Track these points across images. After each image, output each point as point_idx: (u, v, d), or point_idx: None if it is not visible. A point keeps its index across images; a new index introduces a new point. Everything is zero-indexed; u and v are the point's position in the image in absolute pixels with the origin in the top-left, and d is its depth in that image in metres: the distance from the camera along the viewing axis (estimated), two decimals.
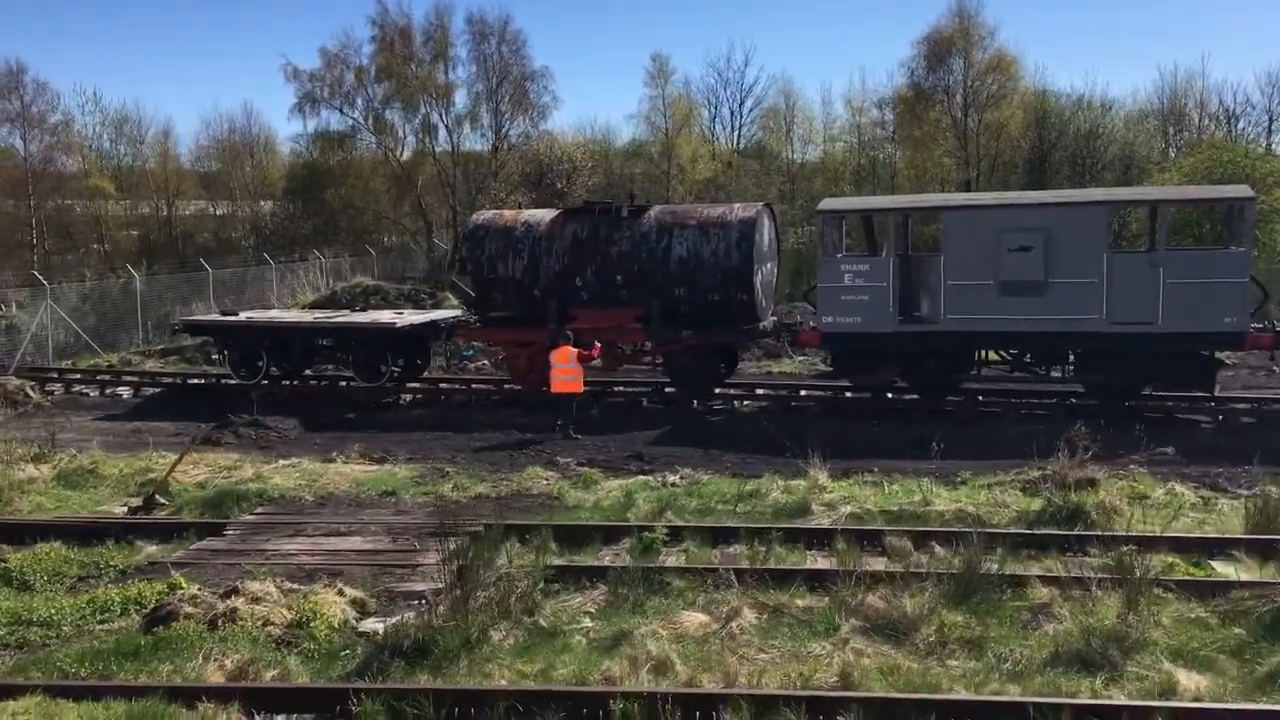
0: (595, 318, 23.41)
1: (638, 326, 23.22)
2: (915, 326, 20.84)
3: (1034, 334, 20.08)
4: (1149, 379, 20.06)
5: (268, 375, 25.83)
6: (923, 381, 21.38)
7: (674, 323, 22.90)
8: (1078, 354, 20.29)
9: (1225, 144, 41.08)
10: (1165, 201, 20.32)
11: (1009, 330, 20.13)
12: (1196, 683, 8.72)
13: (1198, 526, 13.20)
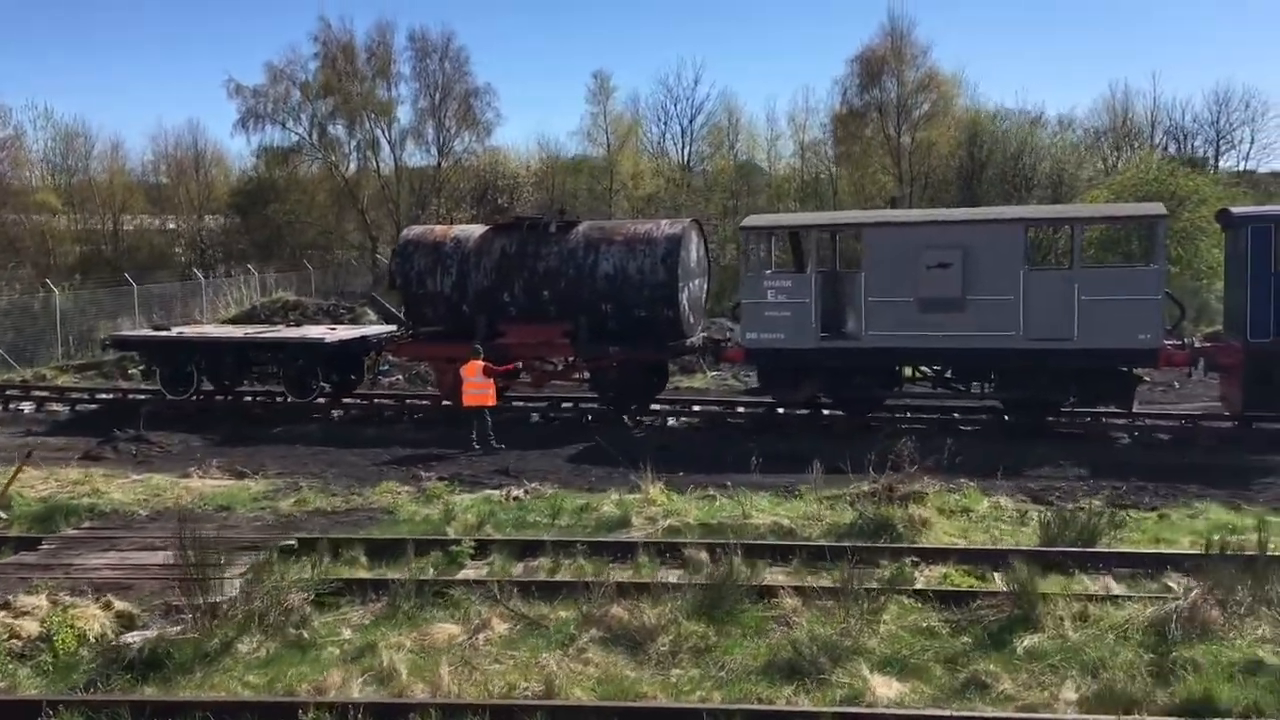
0: (523, 333, 23.20)
1: (565, 342, 23.00)
2: (837, 343, 20.71)
3: (953, 350, 20.00)
4: (1067, 395, 20.00)
5: (199, 391, 25.40)
6: (845, 398, 21.24)
7: (601, 338, 22.71)
8: (997, 370, 20.22)
9: (1153, 161, 41.39)
10: (1079, 219, 20.31)
11: (929, 347, 20.05)
12: (894, 690, 8.93)
13: (1000, 539, 13.37)
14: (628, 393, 23.08)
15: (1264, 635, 9.64)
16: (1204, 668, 9.03)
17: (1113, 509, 14.21)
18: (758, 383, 22.61)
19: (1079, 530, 12.72)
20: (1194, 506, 14.87)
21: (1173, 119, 56.02)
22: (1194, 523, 14.01)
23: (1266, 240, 18.24)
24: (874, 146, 46.93)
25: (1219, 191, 37.14)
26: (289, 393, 25.00)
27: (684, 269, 22.57)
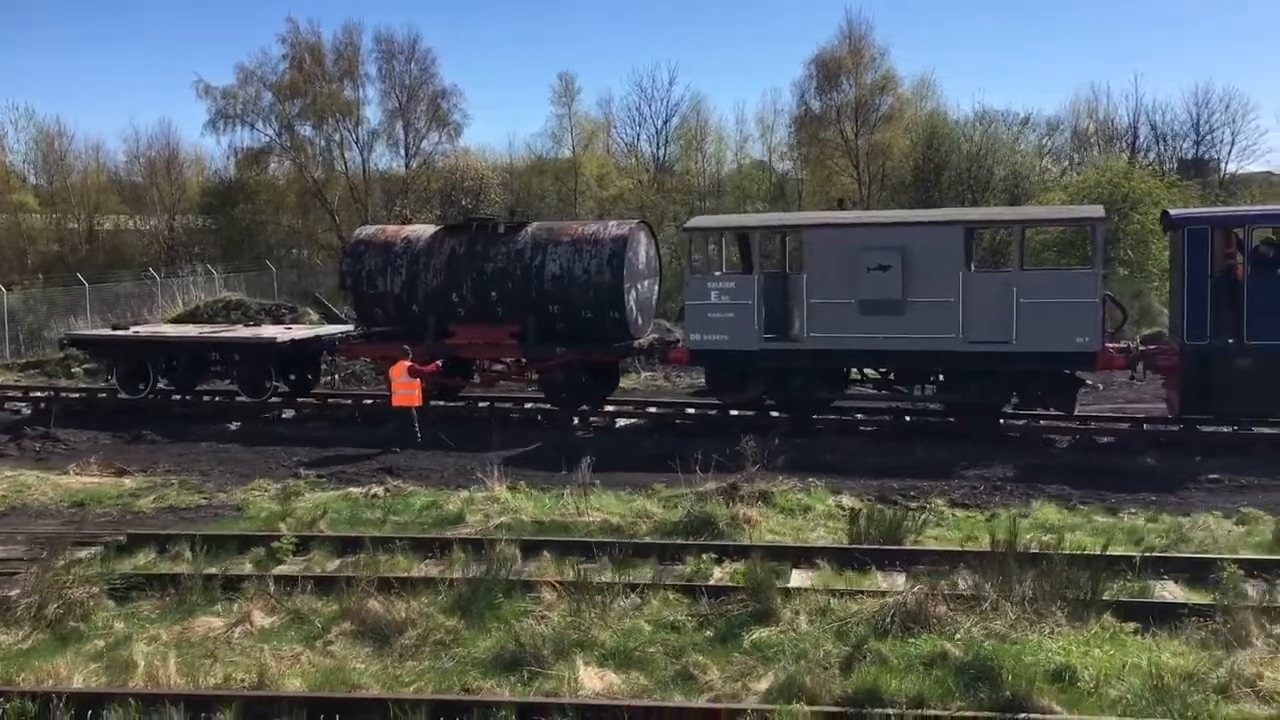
0: (472, 334, 22.95)
1: (513, 343, 22.72)
2: (780, 345, 20.44)
3: (894, 353, 19.76)
4: (1008, 398, 19.78)
5: (154, 390, 25.05)
6: (789, 399, 20.98)
7: (549, 339, 22.44)
8: (937, 372, 19.98)
9: (1115, 164, 41.29)
10: (1018, 222, 20.07)
11: (870, 349, 19.79)
12: (605, 681, 9.01)
13: (818, 537, 13.39)
14: (575, 393, 22.79)
15: (992, 630, 9.60)
16: (889, 659, 9.19)
17: (954, 508, 14.53)
18: (706, 384, 22.36)
19: (884, 529, 12.75)
20: (1030, 506, 14.82)
21: (1153, 120, 55.92)
22: (1022, 522, 13.80)
23: (1203, 242, 18.03)
24: (831, 149, 46.76)
25: (1172, 194, 37.03)
26: (242, 392, 24.67)
27: (631, 270, 22.30)
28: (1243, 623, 9.44)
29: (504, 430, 21.50)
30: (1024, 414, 20.31)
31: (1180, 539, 12.88)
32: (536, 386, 23.66)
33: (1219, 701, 8.34)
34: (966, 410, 20.00)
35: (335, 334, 25.56)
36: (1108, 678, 8.69)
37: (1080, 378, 19.79)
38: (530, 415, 22.80)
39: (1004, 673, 8.60)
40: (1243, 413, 18.46)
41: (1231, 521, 13.70)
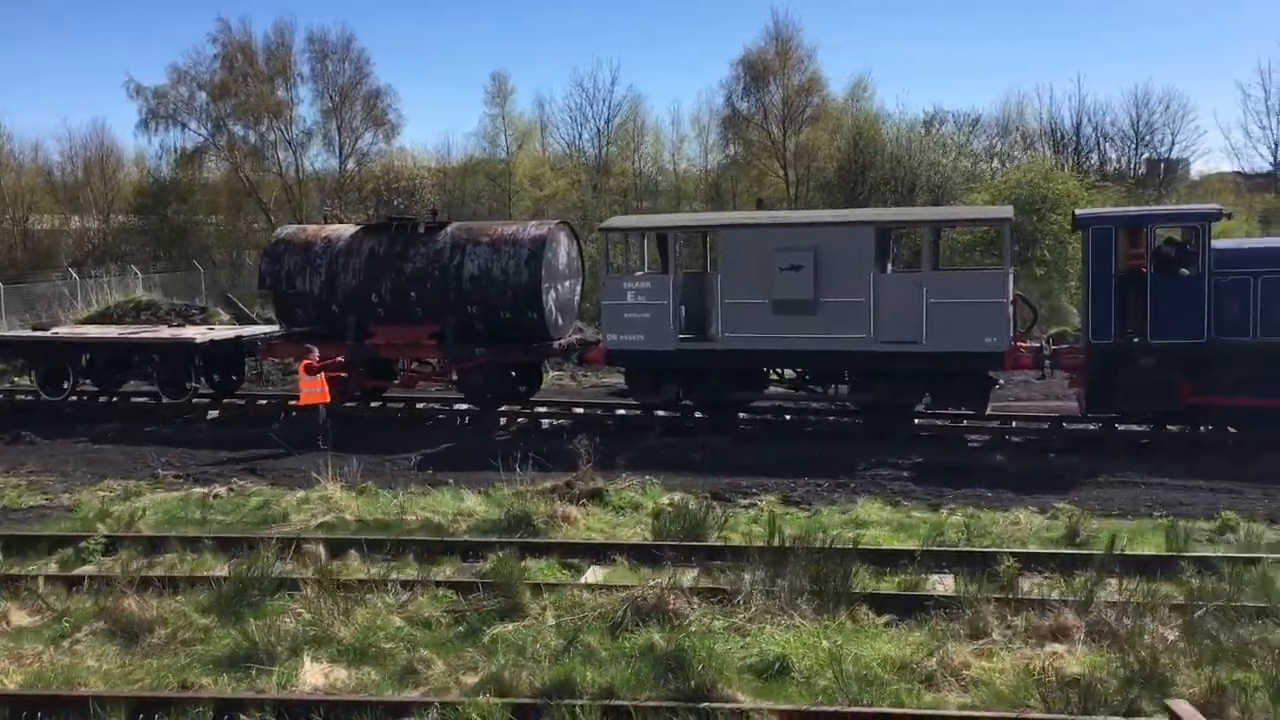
0: (391, 334, 22.62)
1: (433, 343, 22.40)
2: (695, 345, 20.25)
3: (807, 353, 19.63)
4: (919, 398, 19.70)
5: (75, 392, 24.50)
6: (704, 400, 20.80)
7: (469, 340, 22.11)
8: (850, 373, 19.87)
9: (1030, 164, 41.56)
10: (926, 222, 19.99)
11: (784, 349, 19.65)
12: (330, 678, 9.02)
13: (636, 534, 13.42)
14: (496, 394, 22.50)
15: (732, 623, 9.70)
16: (598, 652, 9.25)
17: (785, 505, 14.76)
18: (625, 384, 22.15)
19: (686, 525, 12.75)
20: (855, 503, 14.89)
21: (1095, 121, 56.32)
22: (836, 518, 14.13)
23: (1107, 242, 18.02)
24: (759, 149, 46.80)
25: (1091, 195, 37.29)
26: (163, 393, 24.16)
27: (550, 271, 22.03)
28: (983, 615, 9.58)
29: (422, 431, 21.18)
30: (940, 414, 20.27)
31: (981, 534, 12.96)
32: (456, 387, 23.31)
33: (920, 690, 8.50)
34: (878, 410, 19.90)
35: (258, 335, 25.12)
36: (822, 668, 8.75)
37: (993, 378, 19.77)
38: (452, 416, 22.55)
39: (697, 664, 8.61)
40: (1147, 411, 18.49)
41: (1045, 517, 13.84)
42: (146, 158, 58.38)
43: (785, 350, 19.68)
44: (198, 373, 24.23)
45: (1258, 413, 17.60)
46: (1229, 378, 17.68)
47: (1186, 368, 17.74)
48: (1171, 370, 17.77)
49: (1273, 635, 9.06)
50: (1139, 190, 46.66)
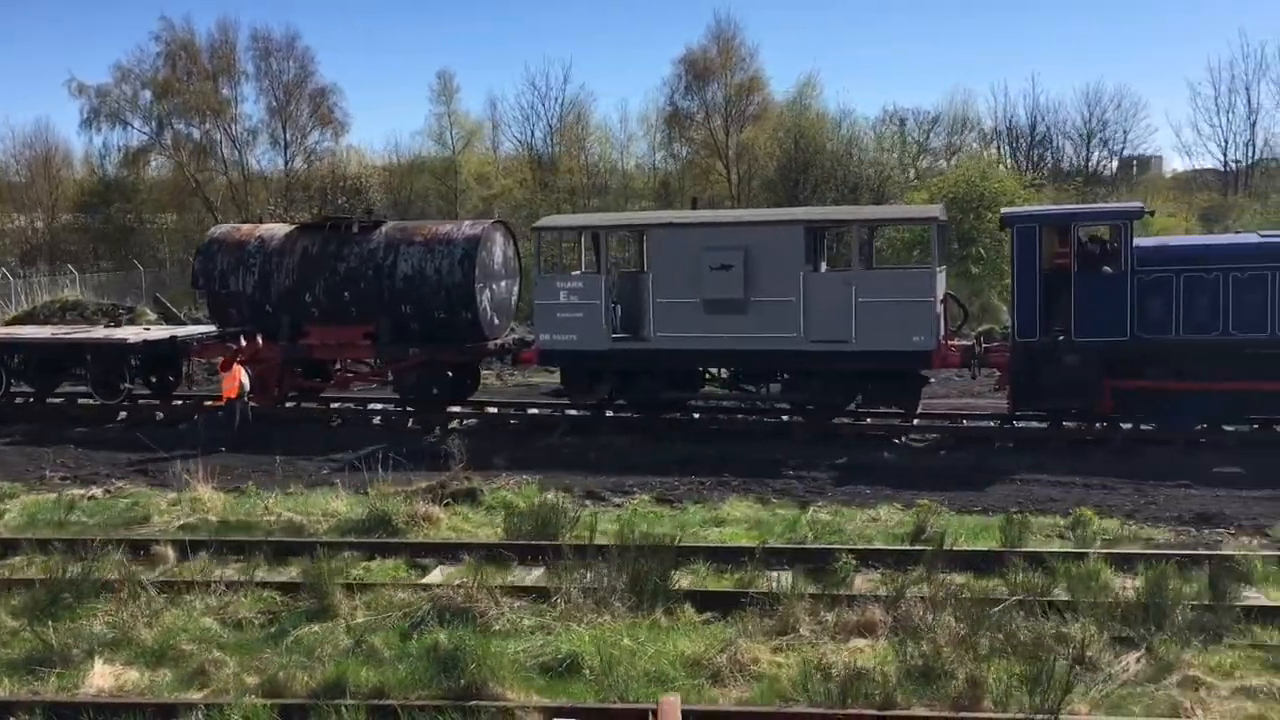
0: (325, 334, 22.37)
1: (367, 343, 22.13)
2: (628, 344, 20.09)
3: (738, 352, 19.53)
4: (851, 397, 19.63)
5: (8, 392, 24.02)
6: (638, 399, 20.65)
7: (403, 340, 21.86)
8: (781, 372, 19.77)
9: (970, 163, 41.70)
10: (855, 221, 19.94)
11: (715, 349, 19.53)
12: (120, 680, 8.91)
13: (493, 534, 13.46)
14: (430, 394, 22.24)
15: (541, 622, 9.84)
16: (384, 655, 9.23)
17: (658, 505, 14.84)
18: (560, 384, 21.98)
19: (537, 525, 12.77)
20: (725, 501, 14.90)
21: (1047, 120, 56.70)
22: (699, 516, 14.25)
23: (1032, 240, 18.02)
24: (700, 147, 46.88)
25: (1028, 193, 37.45)
26: (95, 394, 23.74)
27: (484, 270, 21.81)
28: (794, 611, 9.66)
29: (352, 432, 20.91)
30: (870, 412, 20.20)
31: (835, 531, 13.09)
32: (392, 388, 23.04)
33: (705, 685, 8.62)
34: (810, 409, 19.84)
35: (195, 335, 24.71)
36: (614, 666, 8.77)
37: (924, 376, 19.74)
38: (386, 416, 22.23)
39: (470, 663, 8.61)
40: (1072, 409, 18.51)
41: (906, 513, 13.90)
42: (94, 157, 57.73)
43: (716, 350, 19.56)
44: (132, 373, 23.82)
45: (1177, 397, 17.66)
46: (1152, 375, 17.74)
47: (1110, 365, 17.78)
48: (1095, 368, 17.80)
49: (1069, 628, 9.17)
50: (1088, 189, 46.86)
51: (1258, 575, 10.78)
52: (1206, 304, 17.35)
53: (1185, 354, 17.53)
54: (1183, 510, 14.13)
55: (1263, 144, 54.35)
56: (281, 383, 22.97)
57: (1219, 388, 17.44)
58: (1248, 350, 17.27)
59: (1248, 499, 14.66)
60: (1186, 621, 9.34)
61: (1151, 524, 13.53)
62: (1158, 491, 15.17)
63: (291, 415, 22.54)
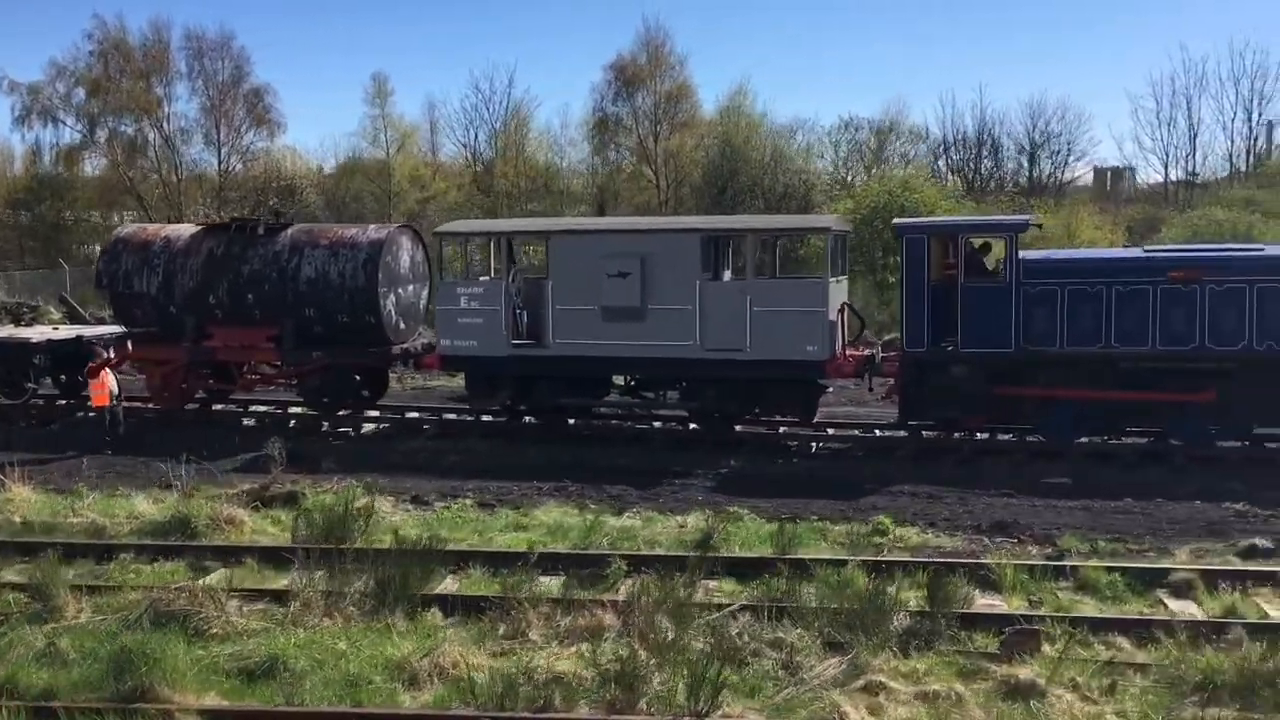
0: (229, 336, 22.09)
1: (271, 346, 21.91)
2: (528, 351, 20.02)
3: (636, 360, 19.49)
4: (747, 405, 19.64)
5: None
6: (538, 405, 20.59)
7: (307, 343, 21.65)
8: (679, 380, 19.76)
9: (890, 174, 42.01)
10: (752, 230, 19.95)
11: (613, 356, 19.46)
12: None
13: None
14: (334, 397, 22.07)
15: (267, 626, 9.85)
16: (69, 657, 9.19)
17: (479, 510, 14.99)
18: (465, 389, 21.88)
19: (324, 529, 12.66)
20: (543, 507, 14.97)
21: (993, 132, 57.24)
22: (504, 520, 14.42)
23: (921, 251, 18.14)
24: (630, 153, 47.09)
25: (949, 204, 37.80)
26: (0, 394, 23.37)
27: (390, 275, 21.64)
28: (525, 615, 9.80)
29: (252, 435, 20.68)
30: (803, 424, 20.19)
31: (629, 537, 13.17)
32: (296, 391, 22.84)
33: (398, 689, 8.67)
34: (710, 417, 19.85)
35: (103, 335, 24.37)
36: (321, 668, 8.86)
37: (821, 385, 19.79)
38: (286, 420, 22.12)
39: (143, 666, 8.53)
40: (960, 418, 18.65)
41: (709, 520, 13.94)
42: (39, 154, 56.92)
43: (614, 357, 19.49)
44: (37, 373, 23.46)
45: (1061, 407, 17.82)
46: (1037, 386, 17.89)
47: (996, 376, 17.92)
48: (981, 378, 17.94)
49: (787, 634, 9.32)
50: (1022, 199, 47.23)
51: (1006, 583, 10.94)
52: (1090, 316, 17.49)
53: (1069, 365, 17.70)
54: (986, 519, 14.29)
55: (1203, 159, 55.30)
56: (187, 384, 22.74)
57: (1101, 398, 17.65)
58: (1128, 363, 17.46)
59: (1061, 508, 14.91)
60: (902, 628, 9.50)
61: (950, 532, 13.68)
62: (979, 500, 15.36)
63: (199, 418, 22.35)
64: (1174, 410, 17.45)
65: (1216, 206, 39.32)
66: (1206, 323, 17.06)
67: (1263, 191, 42.40)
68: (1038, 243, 35.80)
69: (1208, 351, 17.10)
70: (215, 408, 23.18)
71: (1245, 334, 16.93)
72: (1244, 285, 16.91)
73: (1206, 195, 48.02)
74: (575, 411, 20.83)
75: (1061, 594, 10.87)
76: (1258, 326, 16.87)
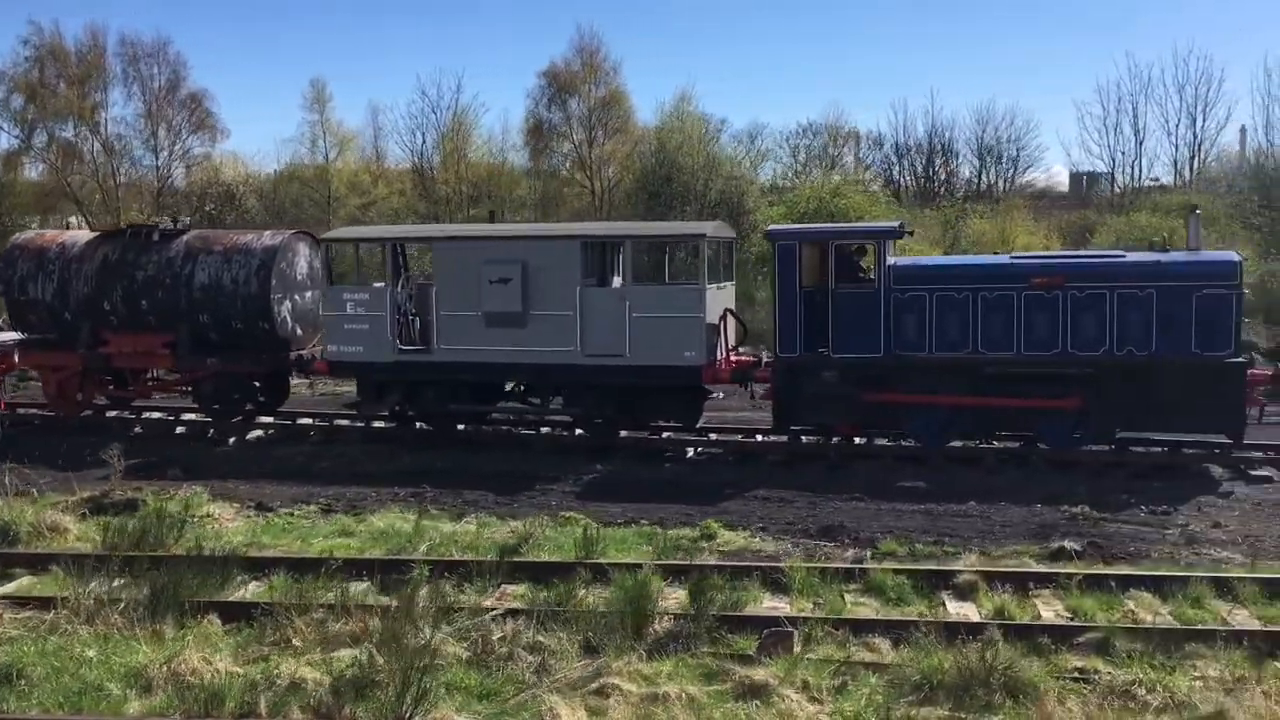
0: (124, 342, 22.25)
1: (166, 353, 22.08)
2: (413, 357, 20.26)
3: (519, 365, 19.73)
4: (629, 410, 19.88)
5: None
6: (425, 411, 20.81)
7: (203, 349, 21.84)
8: (561, 386, 20.01)
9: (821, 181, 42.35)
10: (629, 237, 20.20)
11: (496, 361, 19.68)
12: None
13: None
14: (229, 404, 22.26)
15: (19, 634, 10.01)
16: None
17: (325, 516, 15.22)
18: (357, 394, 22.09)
19: (133, 537, 12.66)
20: (378, 513, 15.21)
21: (943, 139, 57.72)
22: (341, 525, 14.63)
23: (792, 258, 18.43)
24: (562, 159, 47.41)
25: (881, 210, 38.15)
26: None
27: (285, 281, 21.82)
28: (293, 622, 9.88)
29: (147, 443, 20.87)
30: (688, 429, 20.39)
31: (450, 542, 13.30)
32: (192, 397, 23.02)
33: (132, 695, 8.71)
34: (595, 422, 20.10)
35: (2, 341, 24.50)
36: (58, 675, 8.97)
37: (705, 390, 20.04)
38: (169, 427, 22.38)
39: None
40: (831, 424, 18.95)
41: (560, 526, 14.30)
42: None
43: (497, 363, 19.71)
44: None
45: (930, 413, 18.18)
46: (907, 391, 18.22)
47: (866, 381, 18.23)
48: (852, 384, 18.25)
49: (546, 637, 9.60)
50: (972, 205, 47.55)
51: (796, 586, 11.18)
52: (957, 323, 17.83)
53: (938, 371, 18.03)
54: (822, 523, 14.58)
55: (1148, 165, 55.77)
56: (83, 391, 22.90)
57: (969, 404, 17.99)
58: (995, 369, 17.81)
59: (904, 512, 15.18)
60: (664, 631, 9.76)
61: (779, 536, 13.93)
62: (829, 505, 15.65)
63: (89, 425, 22.49)
64: (1040, 415, 17.82)
65: (1143, 212, 39.77)
66: (1069, 329, 17.43)
67: (1200, 195, 42.84)
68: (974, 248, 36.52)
69: (1071, 357, 17.48)
70: (110, 414, 23.30)
71: (1106, 340, 17.30)
72: (1104, 291, 17.28)
73: (1146, 200, 48.48)
74: (467, 417, 21.07)
75: (849, 596, 11.10)
76: (1118, 333, 17.25)
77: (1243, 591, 10.87)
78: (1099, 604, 10.74)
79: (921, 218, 47.13)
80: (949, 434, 18.32)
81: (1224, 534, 13.89)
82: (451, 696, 8.62)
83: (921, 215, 47.82)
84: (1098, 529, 14.09)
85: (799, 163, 53.20)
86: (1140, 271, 17.40)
